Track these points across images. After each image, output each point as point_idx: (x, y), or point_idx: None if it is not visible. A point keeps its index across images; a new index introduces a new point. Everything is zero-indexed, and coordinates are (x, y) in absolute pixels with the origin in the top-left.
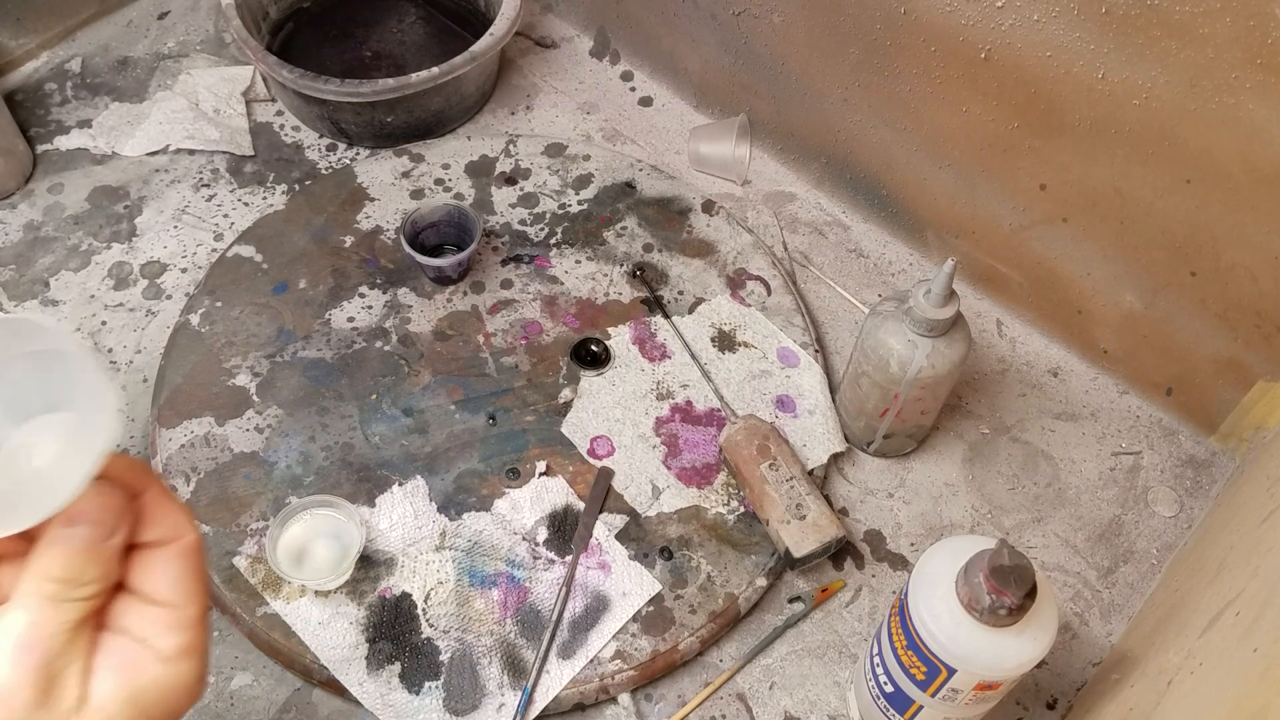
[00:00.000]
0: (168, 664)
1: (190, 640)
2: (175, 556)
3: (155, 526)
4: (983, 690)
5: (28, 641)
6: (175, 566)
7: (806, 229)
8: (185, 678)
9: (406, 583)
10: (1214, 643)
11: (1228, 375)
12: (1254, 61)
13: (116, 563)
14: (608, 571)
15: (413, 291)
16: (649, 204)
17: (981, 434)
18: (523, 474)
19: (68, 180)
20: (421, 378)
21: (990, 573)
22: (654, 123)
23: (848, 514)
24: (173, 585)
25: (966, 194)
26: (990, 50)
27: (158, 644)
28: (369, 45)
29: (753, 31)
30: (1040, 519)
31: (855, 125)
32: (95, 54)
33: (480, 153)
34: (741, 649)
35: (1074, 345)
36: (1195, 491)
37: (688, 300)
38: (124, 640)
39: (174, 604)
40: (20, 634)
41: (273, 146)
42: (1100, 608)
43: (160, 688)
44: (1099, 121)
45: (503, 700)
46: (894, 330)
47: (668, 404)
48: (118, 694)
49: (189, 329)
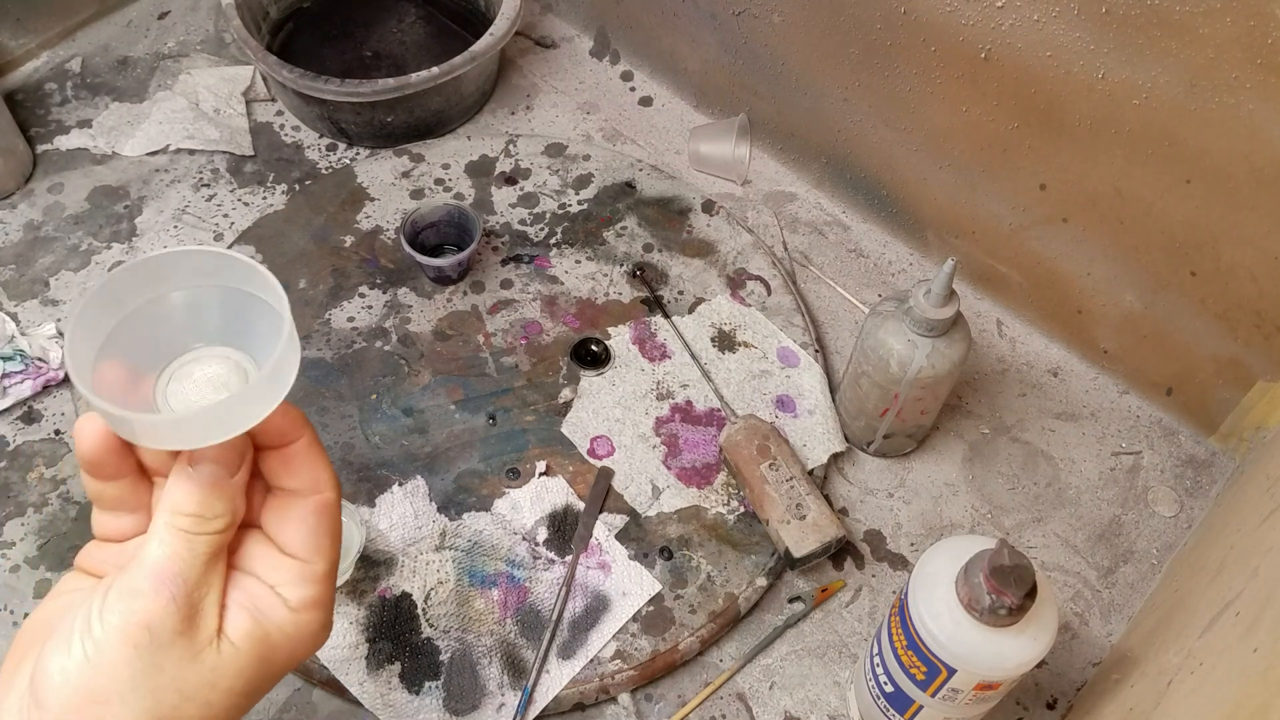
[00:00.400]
0: (295, 613)
1: (316, 594)
2: (311, 512)
3: (296, 476)
4: (983, 690)
5: (169, 573)
6: (310, 522)
7: (806, 229)
8: (310, 627)
9: (406, 583)
10: (1214, 643)
11: (1228, 375)
12: (1254, 61)
13: (241, 498)
14: (608, 571)
15: (413, 291)
16: (649, 204)
17: (981, 434)
18: (523, 474)
19: (68, 180)
20: (421, 378)
21: (990, 573)
22: (654, 123)
23: (848, 514)
24: (304, 540)
25: (966, 194)
26: (990, 50)
27: (285, 593)
28: (369, 45)
29: (753, 31)
30: (1040, 519)
31: (855, 125)
32: (95, 54)
33: (480, 153)
34: (741, 649)
35: (1074, 345)
36: (1195, 491)
37: (688, 300)
38: (255, 583)
39: (304, 558)
40: (160, 566)
41: (273, 146)
42: (1100, 608)
43: (285, 634)
44: (1099, 121)
45: (503, 700)
46: (894, 330)
47: (668, 404)
48: (250, 633)
49: None
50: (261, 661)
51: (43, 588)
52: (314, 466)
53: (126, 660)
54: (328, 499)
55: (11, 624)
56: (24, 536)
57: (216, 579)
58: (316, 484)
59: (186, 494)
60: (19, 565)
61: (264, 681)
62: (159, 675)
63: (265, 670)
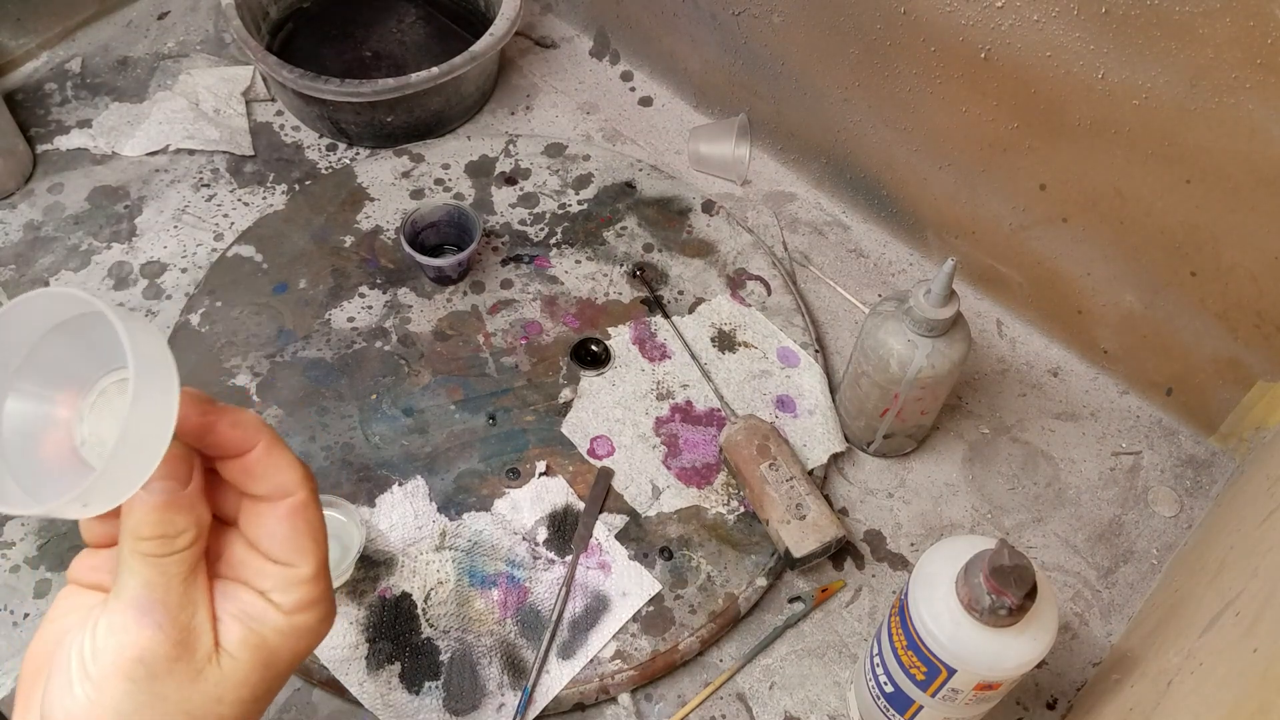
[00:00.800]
0: (289, 616)
1: (306, 595)
2: (284, 516)
3: (261, 482)
4: (983, 690)
5: (147, 602)
6: (284, 526)
7: (806, 229)
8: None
9: (406, 583)
10: (1214, 643)
11: (1228, 375)
12: (1254, 61)
13: (202, 503)
14: (608, 571)
15: (413, 291)
16: (649, 204)
17: (981, 434)
18: (523, 474)
19: (68, 180)
20: (421, 378)
21: (990, 573)
22: (654, 123)
23: (848, 514)
24: (282, 544)
25: (966, 194)
26: (990, 50)
27: (276, 598)
28: (369, 45)
29: (753, 31)
30: (1040, 519)
31: (855, 125)
32: (95, 54)
33: (480, 153)
34: (741, 649)
35: (1074, 345)
36: (1195, 491)
37: (688, 300)
38: (245, 591)
39: (286, 562)
40: (138, 596)
41: (273, 146)
42: (1100, 608)
43: (283, 635)
44: (1099, 121)
45: (503, 700)
46: (894, 330)
47: (668, 404)
48: (246, 641)
49: (189, 329)
50: (264, 667)
51: (43, 588)
52: (277, 470)
53: (127, 695)
54: (298, 500)
55: (11, 624)
56: (24, 536)
57: (200, 594)
58: (283, 487)
59: (144, 517)
60: (19, 565)
61: (272, 684)
62: (163, 703)
63: (270, 674)
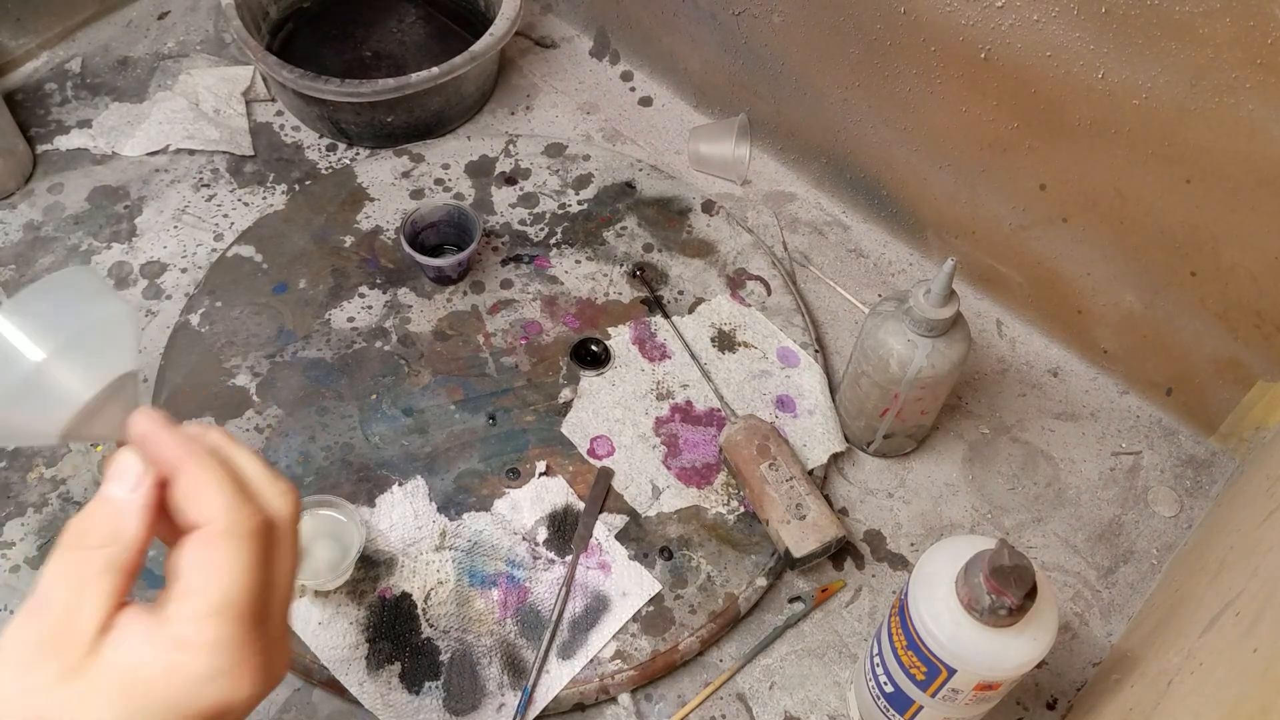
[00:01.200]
0: (164, 652)
1: (185, 634)
2: (196, 541)
3: (189, 509)
4: (983, 690)
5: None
6: (194, 552)
7: (806, 229)
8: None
9: (406, 583)
10: (1214, 643)
11: (1228, 375)
12: (1254, 61)
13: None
14: (608, 571)
15: (413, 291)
16: (649, 204)
17: (981, 434)
18: (523, 474)
19: (68, 180)
20: (421, 378)
21: (990, 573)
22: (654, 123)
23: (848, 514)
24: (188, 569)
25: (966, 194)
26: (990, 50)
27: (161, 629)
28: (369, 45)
29: (753, 31)
30: (1040, 519)
31: (855, 125)
32: (95, 54)
33: (480, 153)
34: (741, 649)
35: (1074, 345)
36: (1195, 491)
37: (688, 300)
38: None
39: (188, 590)
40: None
41: (273, 146)
42: (1100, 608)
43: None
44: (1099, 121)
45: (503, 700)
46: (894, 330)
47: (668, 404)
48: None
49: (189, 329)
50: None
51: None
52: (199, 498)
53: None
54: (213, 530)
55: None
56: (24, 536)
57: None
58: (202, 515)
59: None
60: (19, 565)
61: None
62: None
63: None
